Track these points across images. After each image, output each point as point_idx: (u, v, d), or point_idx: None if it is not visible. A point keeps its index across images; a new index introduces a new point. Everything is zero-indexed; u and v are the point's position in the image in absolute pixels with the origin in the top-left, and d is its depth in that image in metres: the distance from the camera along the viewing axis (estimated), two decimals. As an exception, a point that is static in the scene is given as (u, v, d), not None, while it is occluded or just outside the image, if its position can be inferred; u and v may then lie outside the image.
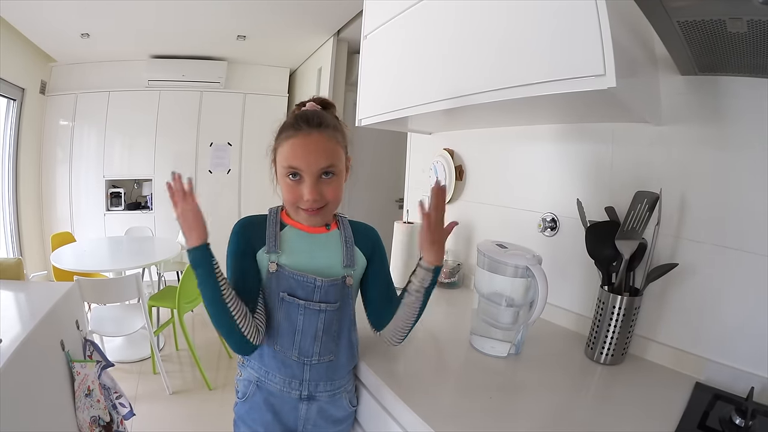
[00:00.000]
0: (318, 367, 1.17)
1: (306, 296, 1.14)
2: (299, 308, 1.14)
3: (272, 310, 1.16)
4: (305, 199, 1.11)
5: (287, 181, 1.12)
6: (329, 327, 1.17)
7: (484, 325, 1.38)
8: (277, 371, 1.17)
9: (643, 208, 1.26)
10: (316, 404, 1.20)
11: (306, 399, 1.19)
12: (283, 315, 1.15)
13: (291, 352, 1.15)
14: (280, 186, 1.16)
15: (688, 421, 1.03)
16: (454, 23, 1.39)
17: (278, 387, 1.18)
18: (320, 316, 1.15)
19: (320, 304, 1.14)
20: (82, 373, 1.73)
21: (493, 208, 2.00)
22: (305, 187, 1.10)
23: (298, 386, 1.17)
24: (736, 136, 1.21)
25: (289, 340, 1.15)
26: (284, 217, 1.22)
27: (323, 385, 1.20)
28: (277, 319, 1.15)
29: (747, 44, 0.95)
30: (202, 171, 5.63)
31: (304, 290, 1.14)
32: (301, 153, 1.09)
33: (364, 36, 1.96)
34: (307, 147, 1.10)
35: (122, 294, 3.00)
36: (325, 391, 1.20)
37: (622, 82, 0.95)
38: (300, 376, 1.17)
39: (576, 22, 0.99)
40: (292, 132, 1.11)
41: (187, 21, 4.10)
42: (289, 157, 1.10)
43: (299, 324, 1.15)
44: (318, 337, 1.16)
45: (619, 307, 1.30)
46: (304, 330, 1.15)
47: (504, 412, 1.08)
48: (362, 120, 2.00)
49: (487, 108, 1.41)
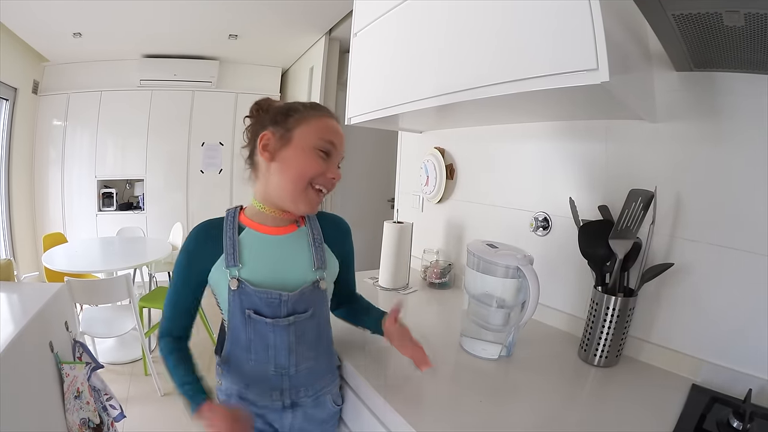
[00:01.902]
0: (297, 376, 1.14)
1: (273, 313, 1.08)
2: (267, 326, 1.08)
3: (239, 326, 1.09)
4: (329, 176, 1.09)
5: (316, 153, 1.07)
6: (302, 337, 1.12)
7: (475, 327, 1.36)
8: (256, 384, 1.14)
9: (637, 207, 1.24)
10: (300, 410, 1.18)
11: (290, 407, 1.16)
12: (253, 331, 1.09)
13: (267, 365, 1.11)
14: (291, 158, 1.07)
15: (684, 424, 1.02)
16: (444, 19, 1.37)
17: (259, 399, 1.14)
18: (290, 329, 1.09)
19: (288, 318, 1.09)
20: (71, 375, 1.72)
21: (484, 208, 1.98)
22: (331, 165, 1.10)
23: (279, 396, 1.14)
24: (732, 134, 1.19)
25: (263, 355, 1.10)
26: (243, 219, 1.14)
27: (305, 390, 1.17)
28: (247, 336, 1.09)
29: (744, 39, 0.93)
30: (194, 171, 5.62)
31: (270, 307, 1.08)
32: (337, 132, 1.10)
33: (354, 34, 1.94)
34: (338, 129, 1.12)
35: (113, 295, 2.97)
36: (308, 396, 1.18)
37: (616, 77, 0.93)
38: (280, 387, 1.13)
39: (568, 15, 0.97)
40: (319, 113, 1.11)
41: (179, 20, 4.09)
42: (328, 132, 1.09)
43: (271, 340, 1.09)
44: (292, 350, 1.11)
45: (613, 307, 1.28)
46: (277, 345, 1.10)
47: (494, 415, 1.05)
48: (352, 118, 1.98)
49: (478, 105, 1.39)
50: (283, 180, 1.08)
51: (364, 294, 1.43)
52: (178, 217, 5.35)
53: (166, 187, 5.56)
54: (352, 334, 1.34)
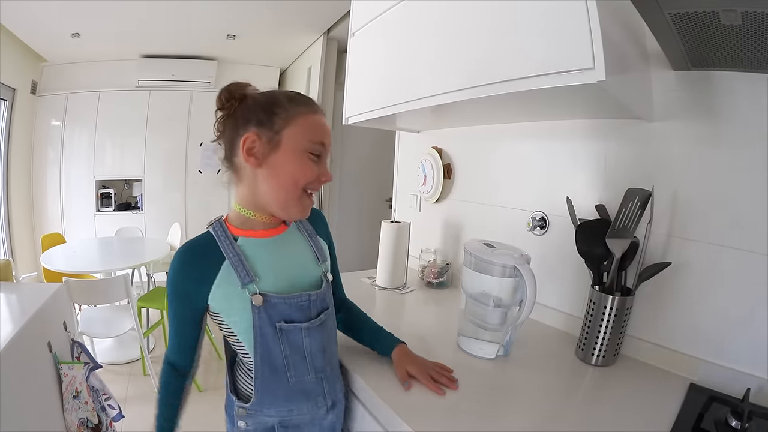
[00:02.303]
0: (331, 374, 1.14)
1: (306, 317, 1.04)
2: (300, 332, 1.03)
3: (272, 345, 1.01)
4: (323, 179, 1.02)
5: (308, 157, 0.99)
6: (330, 333, 1.12)
7: (472, 326, 1.36)
8: (303, 401, 1.08)
9: (634, 206, 1.24)
10: (338, 407, 1.17)
11: (331, 408, 1.15)
12: (288, 345, 1.02)
13: (307, 375, 1.07)
14: (282, 163, 0.98)
15: (682, 424, 1.02)
16: (441, 19, 1.37)
17: (307, 415, 1.10)
18: (321, 328, 1.07)
19: (320, 317, 1.06)
20: (70, 375, 1.72)
21: (481, 207, 1.98)
22: (322, 167, 1.02)
23: (323, 402, 1.12)
24: (729, 133, 1.18)
25: (301, 366, 1.05)
26: (232, 229, 1.04)
27: (338, 386, 1.18)
28: (282, 352, 1.02)
29: (741, 37, 0.93)
30: (192, 171, 5.61)
31: (302, 311, 1.03)
32: (326, 130, 1.02)
33: (352, 33, 1.94)
34: (326, 125, 1.03)
35: (111, 295, 2.97)
36: (340, 390, 1.19)
37: (612, 77, 0.93)
38: (322, 391, 1.11)
39: (564, 14, 0.97)
40: (304, 108, 1.01)
41: (177, 20, 4.08)
42: (318, 131, 1.00)
43: (306, 346, 1.05)
44: (326, 349, 1.09)
45: (610, 307, 1.27)
46: (312, 350, 1.06)
47: (492, 415, 1.05)
48: (349, 118, 1.98)
49: (475, 104, 1.39)
50: (274, 188, 1.00)
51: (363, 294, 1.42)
52: (177, 217, 5.34)
53: (165, 187, 5.55)
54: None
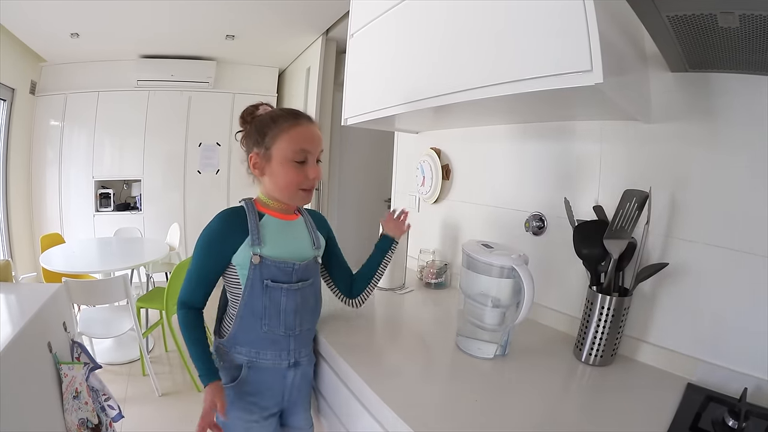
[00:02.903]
0: (300, 336, 1.36)
1: (287, 279, 1.30)
2: (282, 291, 1.29)
3: (257, 296, 1.28)
4: (311, 177, 1.30)
5: (293, 165, 1.27)
6: (305, 301, 1.35)
7: (470, 327, 1.37)
8: (268, 348, 1.33)
9: (632, 207, 1.25)
10: (300, 368, 1.39)
11: (293, 366, 1.36)
12: (268, 299, 1.29)
13: (278, 328, 1.31)
14: (277, 172, 1.28)
15: (679, 423, 1.02)
16: (440, 20, 1.37)
17: (270, 362, 1.33)
18: (298, 293, 1.32)
19: (298, 283, 1.32)
20: (70, 375, 1.72)
21: (479, 208, 1.98)
22: (310, 168, 1.29)
23: (286, 356, 1.34)
24: (727, 134, 1.19)
25: (276, 319, 1.30)
26: (260, 207, 1.35)
27: (304, 350, 1.40)
28: (263, 303, 1.29)
29: (739, 40, 0.93)
30: (191, 171, 5.62)
31: (285, 275, 1.30)
32: (310, 138, 1.29)
33: (351, 35, 1.94)
34: (313, 133, 1.31)
35: (110, 295, 2.97)
36: (306, 356, 1.41)
37: (610, 79, 0.93)
38: (288, 347, 1.34)
39: (563, 17, 0.98)
40: (294, 121, 1.29)
41: (176, 21, 4.08)
42: (301, 141, 1.27)
43: (282, 304, 1.30)
44: (298, 311, 1.33)
45: (607, 307, 1.28)
46: (287, 309, 1.31)
47: (490, 414, 1.06)
48: (348, 119, 1.98)
49: (474, 106, 1.39)
50: (276, 189, 1.31)
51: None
52: (176, 217, 5.33)
53: (164, 187, 5.55)
54: (351, 334, 1.35)
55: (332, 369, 1.41)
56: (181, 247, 4.95)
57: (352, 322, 1.60)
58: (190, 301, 1.32)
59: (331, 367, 1.42)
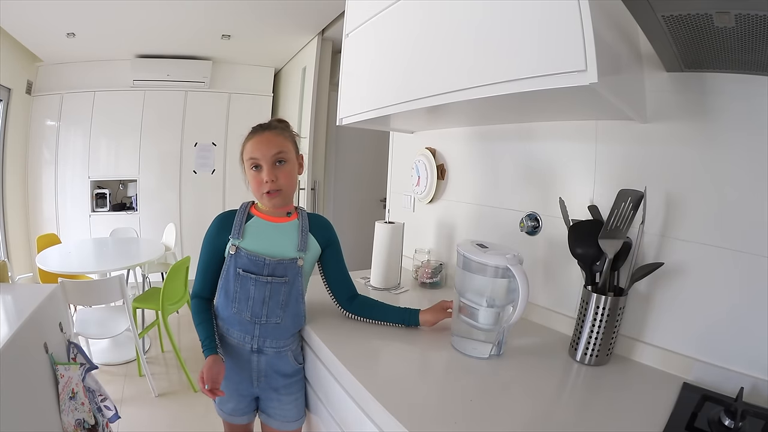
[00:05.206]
0: (266, 326, 1.48)
1: (257, 271, 1.44)
2: (251, 280, 1.45)
3: (231, 281, 1.46)
4: (265, 181, 1.43)
5: (252, 172, 1.45)
6: (275, 295, 1.46)
7: (465, 326, 1.37)
8: (235, 328, 1.49)
9: (627, 207, 1.24)
10: (264, 357, 1.51)
11: (256, 351, 1.50)
12: (240, 285, 1.46)
13: (245, 313, 1.46)
14: (248, 181, 1.49)
15: (675, 422, 1.02)
16: (435, 20, 1.37)
17: (236, 340, 1.50)
18: (267, 286, 1.45)
19: (268, 277, 1.45)
20: (66, 376, 1.72)
21: (474, 207, 1.99)
22: (264, 172, 1.43)
23: (250, 340, 1.49)
24: (722, 134, 1.19)
25: (244, 304, 1.46)
26: (253, 210, 1.54)
27: (270, 341, 1.50)
28: (234, 288, 1.46)
29: (734, 40, 0.93)
30: (187, 171, 5.59)
31: (256, 267, 1.44)
32: (258, 146, 1.43)
33: (346, 34, 1.94)
34: (261, 141, 1.44)
35: (106, 296, 2.97)
36: (271, 347, 1.50)
37: (605, 78, 0.93)
38: (252, 332, 1.48)
39: (557, 16, 0.98)
40: (251, 134, 1.47)
41: (172, 20, 4.07)
42: (250, 150, 1.44)
43: (251, 292, 1.45)
44: (266, 303, 1.46)
45: (603, 307, 1.28)
46: (255, 297, 1.45)
47: (485, 414, 1.06)
48: (343, 119, 1.98)
49: (469, 106, 1.40)
50: (252, 194, 1.52)
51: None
52: (171, 217, 5.31)
53: (159, 187, 5.52)
54: (350, 332, 1.35)
55: (326, 368, 1.41)
56: (177, 248, 4.94)
57: (346, 320, 1.60)
58: (197, 291, 1.55)
59: (325, 365, 1.42)
